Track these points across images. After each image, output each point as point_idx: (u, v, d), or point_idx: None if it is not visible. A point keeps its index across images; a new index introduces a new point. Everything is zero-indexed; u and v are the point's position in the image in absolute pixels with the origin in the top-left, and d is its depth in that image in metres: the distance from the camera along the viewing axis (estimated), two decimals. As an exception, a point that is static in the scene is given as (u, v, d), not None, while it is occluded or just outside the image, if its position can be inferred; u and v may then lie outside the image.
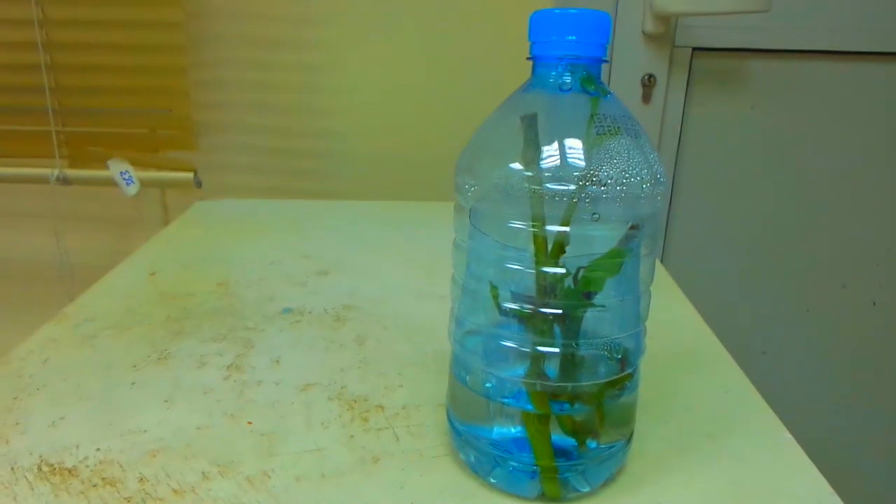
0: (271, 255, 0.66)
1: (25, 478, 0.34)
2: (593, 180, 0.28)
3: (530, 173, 0.29)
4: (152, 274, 0.61)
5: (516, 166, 0.29)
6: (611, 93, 0.31)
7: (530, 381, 0.31)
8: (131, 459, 0.35)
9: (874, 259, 1.00)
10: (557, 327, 0.31)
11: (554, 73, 0.30)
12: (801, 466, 0.36)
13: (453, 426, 0.35)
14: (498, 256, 0.31)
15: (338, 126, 0.94)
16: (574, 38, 0.29)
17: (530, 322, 0.31)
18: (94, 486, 0.33)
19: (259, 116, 0.94)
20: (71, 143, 0.93)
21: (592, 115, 0.30)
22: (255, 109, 0.93)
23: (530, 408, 0.32)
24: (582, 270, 0.30)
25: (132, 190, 0.91)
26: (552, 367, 0.31)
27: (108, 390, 0.42)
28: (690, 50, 0.90)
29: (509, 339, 0.32)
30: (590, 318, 0.31)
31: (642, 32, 0.88)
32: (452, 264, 0.35)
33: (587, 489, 0.33)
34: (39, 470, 0.34)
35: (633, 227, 0.30)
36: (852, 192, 0.97)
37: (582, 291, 0.30)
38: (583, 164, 0.29)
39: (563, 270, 0.30)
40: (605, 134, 0.29)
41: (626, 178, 0.29)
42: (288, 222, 0.79)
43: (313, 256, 0.66)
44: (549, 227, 0.29)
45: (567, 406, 0.32)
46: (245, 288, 0.58)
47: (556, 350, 0.31)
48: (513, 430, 0.33)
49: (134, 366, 0.45)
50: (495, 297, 0.31)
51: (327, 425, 0.39)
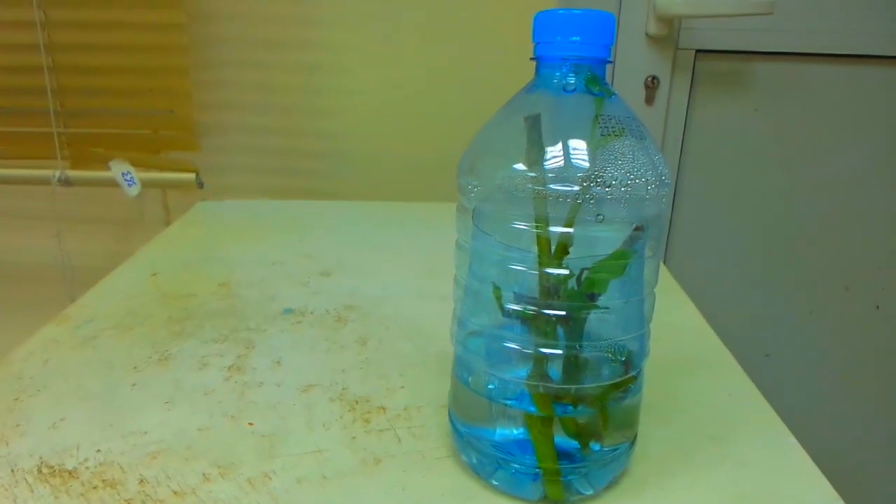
0: (273, 256, 0.66)
1: (25, 480, 0.33)
2: (597, 181, 0.28)
3: (534, 174, 0.29)
4: (154, 275, 0.61)
5: (520, 167, 0.29)
6: (615, 94, 0.31)
7: (533, 383, 0.31)
8: (132, 461, 0.35)
9: (877, 262, 1.00)
10: (561, 329, 0.30)
11: (558, 74, 0.30)
12: (806, 470, 0.36)
13: (455, 428, 0.35)
14: (501, 257, 0.31)
15: (340, 126, 0.94)
16: (578, 38, 0.29)
17: (533, 323, 0.31)
18: (95, 487, 0.33)
19: (261, 117, 0.94)
20: (72, 145, 0.93)
21: (597, 116, 0.29)
22: (257, 110, 0.93)
23: (533, 410, 0.32)
24: (586, 272, 0.30)
25: (134, 191, 0.91)
26: (555, 369, 0.31)
27: (108, 391, 0.42)
28: (694, 52, 0.90)
29: (512, 341, 0.31)
30: (593, 319, 0.31)
31: (645, 34, 0.88)
32: (455, 265, 0.34)
33: (590, 492, 0.33)
34: (39, 472, 0.34)
35: (637, 228, 0.30)
36: (855, 195, 0.97)
37: (585, 293, 0.30)
38: (587, 165, 0.28)
39: (566, 272, 0.30)
40: (609, 135, 0.29)
41: (631, 180, 0.28)
42: (289, 223, 0.78)
43: (315, 257, 0.66)
44: (553, 229, 0.29)
45: (570, 408, 0.32)
46: (246, 288, 0.58)
47: (560, 352, 0.31)
48: (515, 431, 0.33)
49: (135, 367, 0.45)
50: (498, 298, 0.31)
51: (328, 426, 0.39)
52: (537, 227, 0.29)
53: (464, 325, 0.34)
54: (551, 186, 0.28)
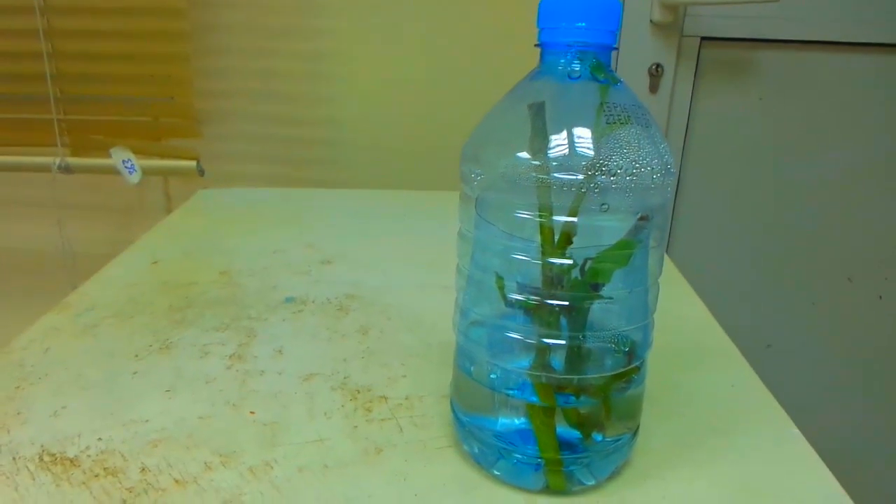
0: (274, 244, 0.66)
1: (27, 468, 0.33)
2: (602, 170, 0.28)
3: (538, 162, 0.28)
4: (154, 263, 0.61)
5: (523, 155, 0.29)
6: (621, 81, 0.30)
7: (535, 373, 0.31)
8: (133, 449, 0.35)
9: (880, 253, 0.99)
10: (564, 319, 0.30)
11: (563, 61, 0.30)
12: (809, 461, 0.36)
13: (457, 417, 0.35)
14: (504, 247, 0.31)
15: (342, 114, 0.93)
16: (584, 24, 0.29)
17: (536, 313, 0.30)
18: (96, 475, 0.33)
19: (262, 104, 0.93)
20: (73, 132, 0.92)
21: (602, 104, 0.29)
22: (259, 97, 0.93)
23: (535, 400, 0.31)
24: (589, 262, 0.29)
25: (134, 178, 0.90)
26: (558, 360, 0.31)
27: (109, 380, 0.42)
28: (699, 39, 0.89)
29: (515, 331, 0.31)
30: (597, 310, 0.30)
31: (650, 21, 0.87)
32: (457, 254, 0.34)
33: (592, 482, 0.33)
34: (41, 460, 0.34)
35: (642, 217, 0.29)
36: (859, 185, 0.96)
37: (589, 283, 0.30)
38: (592, 153, 0.28)
39: (570, 261, 0.29)
40: (614, 123, 0.29)
41: (636, 168, 0.28)
42: (291, 211, 0.78)
43: (316, 245, 0.66)
44: (557, 218, 0.29)
45: (573, 398, 0.31)
46: (248, 277, 0.58)
47: (563, 342, 0.30)
48: (517, 421, 0.32)
49: (136, 355, 0.45)
50: (501, 287, 0.31)
51: (330, 415, 0.38)
52: (541, 217, 0.29)
53: (466, 314, 0.34)
54: (555, 175, 0.28)
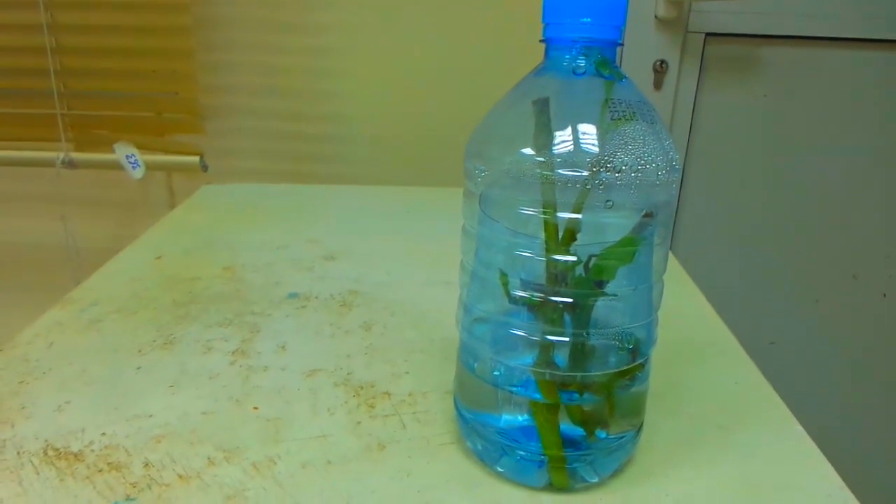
0: (278, 240, 0.66)
1: (31, 462, 0.34)
2: (607, 167, 0.28)
3: (542, 159, 0.28)
4: (158, 258, 0.61)
5: (528, 151, 0.29)
6: (626, 77, 0.30)
7: (539, 370, 0.31)
8: (137, 444, 0.35)
9: (885, 250, 0.99)
10: (568, 316, 0.30)
11: (568, 57, 0.30)
12: (812, 458, 0.35)
13: (460, 414, 0.35)
14: (508, 243, 0.31)
15: (346, 110, 0.93)
16: (589, 20, 0.29)
17: (540, 310, 0.30)
18: (100, 470, 0.33)
19: (266, 100, 0.93)
20: (77, 127, 0.92)
21: (607, 100, 0.29)
22: (262, 93, 0.93)
23: (539, 397, 0.31)
24: (594, 258, 0.29)
25: (138, 173, 0.90)
26: (562, 356, 0.31)
27: (113, 375, 0.42)
28: (703, 35, 0.89)
29: (518, 328, 0.31)
30: (601, 307, 0.30)
31: (655, 17, 0.87)
32: (461, 251, 0.34)
33: (595, 479, 0.33)
34: (45, 454, 0.34)
35: (647, 214, 0.29)
36: (864, 182, 0.96)
37: (593, 280, 0.30)
38: (596, 149, 0.28)
39: (574, 258, 0.29)
40: (619, 119, 0.28)
41: (642, 165, 0.28)
42: (295, 207, 0.78)
43: (320, 241, 0.66)
44: (561, 214, 0.28)
45: (576, 396, 0.31)
46: (251, 272, 0.58)
47: (566, 339, 0.30)
48: (521, 418, 0.32)
49: (139, 350, 0.45)
50: (504, 284, 0.31)
51: (333, 411, 0.38)
52: (545, 213, 0.29)
53: (469, 311, 0.34)
54: (560, 171, 0.28)
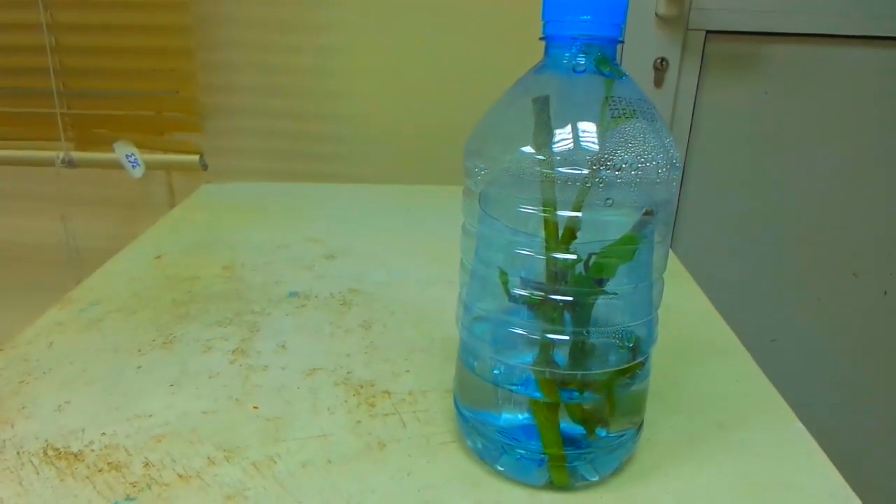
0: (278, 239, 0.66)
1: (31, 462, 0.34)
2: (607, 164, 0.27)
3: (542, 157, 0.28)
4: (158, 257, 0.61)
5: (527, 150, 0.28)
6: (626, 75, 0.30)
7: (539, 369, 0.31)
8: (137, 444, 0.35)
9: (886, 248, 0.99)
10: (568, 314, 0.30)
11: (568, 54, 0.30)
12: (813, 456, 0.35)
13: (460, 413, 0.35)
14: (508, 242, 0.30)
15: (346, 109, 0.93)
16: (589, 17, 0.29)
17: (540, 309, 0.30)
18: (100, 470, 0.33)
19: (266, 99, 0.93)
20: (76, 126, 0.92)
21: (607, 98, 0.29)
22: (262, 92, 0.92)
23: (539, 396, 0.31)
24: (594, 257, 0.29)
25: (138, 172, 0.90)
26: (562, 355, 0.31)
27: (113, 374, 0.42)
28: (704, 33, 0.89)
29: (518, 326, 0.31)
30: (601, 305, 0.30)
31: (655, 14, 0.87)
32: (461, 249, 0.34)
33: (596, 478, 0.33)
34: (45, 454, 0.34)
35: (647, 212, 0.29)
36: (865, 180, 0.96)
37: (593, 278, 0.29)
38: (596, 147, 0.28)
39: (574, 257, 0.29)
40: (619, 117, 0.28)
41: (642, 163, 0.28)
42: (295, 206, 0.78)
43: (320, 240, 0.66)
44: (561, 213, 0.28)
45: (576, 394, 0.31)
46: (251, 271, 0.58)
47: (566, 338, 0.30)
48: (521, 417, 0.32)
49: (139, 350, 0.45)
50: (504, 283, 0.31)
51: (333, 411, 0.38)
52: (545, 211, 0.29)
53: (469, 309, 0.34)
54: (560, 169, 0.28)
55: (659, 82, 0.90)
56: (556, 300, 0.30)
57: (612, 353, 0.31)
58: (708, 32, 0.89)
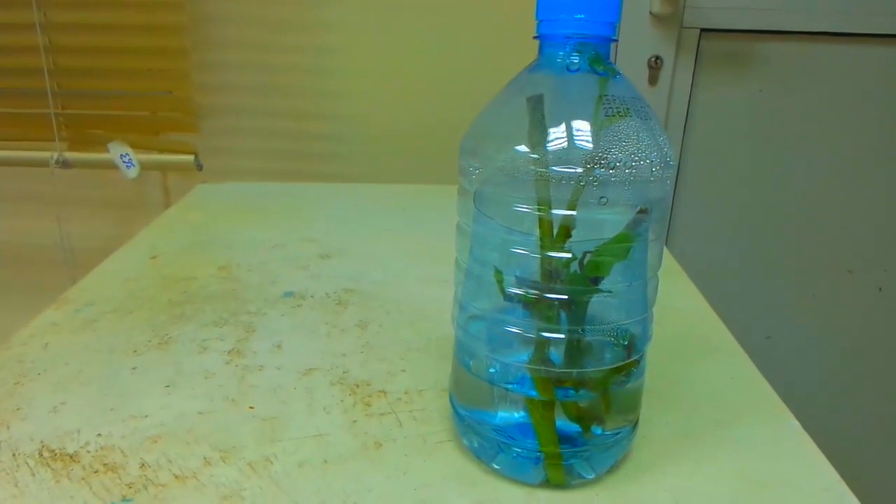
0: (273, 239, 0.66)
1: (27, 464, 0.33)
2: (601, 163, 0.27)
3: (536, 156, 0.28)
4: (153, 257, 0.61)
5: (522, 149, 0.28)
6: (620, 73, 0.30)
7: (535, 367, 0.31)
8: (133, 445, 0.35)
9: (880, 245, 0.99)
10: (563, 313, 0.30)
11: (561, 53, 0.30)
12: (808, 453, 0.36)
13: (456, 412, 0.35)
14: (502, 241, 0.30)
15: (341, 109, 0.93)
16: (583, 16, 0.29)
17: (535, 307, 0.30)
18: (96, 471, 0.33)
19: (261, 99, 0.93)
20: (71, 126, 0.92)
21: (601, 97, 0.29)
22: (257, 92, 0.92)
23: (534, 394, 0.31)
24: (588, 255, 0.29)
25: (133, 173, 0.90)
26: (557, 353, 0.31)
27: (109, 375, 0.42)
28: (698, 31, 0.89)
29: (514, 325, 0.31)
30: (596, 303, 0.30)
31: (650, 13, 0.87)
32: (456, 248, 0.34)
33: (592, 476, 0.33)
34: (40, 455, 0.34)
35: (641, 211, 0.29)
36: (860, 177, 0.96)
37: (588, 277, 0.30)
38: (590, 146, 0.28)
39: (569, 255, 0.29)
40: (613, 115, 0.28)
41: (636, 161, 0.28)
42: (290, 205, 0.78)
43: (315, 240, 0.66)
44: (556, 211, 0.28)
45: (572, 392, 0.31)
46: (246, 271, 0.58)
47: (562, 336, 0.30)
48: (517, 415, 0.32)
49: (135, 350, 0.44)
50: (500, 281, 0.31)
51: (329, 410, 0.38)
52: (539, 210, 0.29)
53: (465, 308, 0.34)
54: (554, 168, 0.28)
55: (653, 80, 0.90)
56: (551, 299, 0.30)
57: (607, 351, 0.31)
58: (702, 30, 0.89)
